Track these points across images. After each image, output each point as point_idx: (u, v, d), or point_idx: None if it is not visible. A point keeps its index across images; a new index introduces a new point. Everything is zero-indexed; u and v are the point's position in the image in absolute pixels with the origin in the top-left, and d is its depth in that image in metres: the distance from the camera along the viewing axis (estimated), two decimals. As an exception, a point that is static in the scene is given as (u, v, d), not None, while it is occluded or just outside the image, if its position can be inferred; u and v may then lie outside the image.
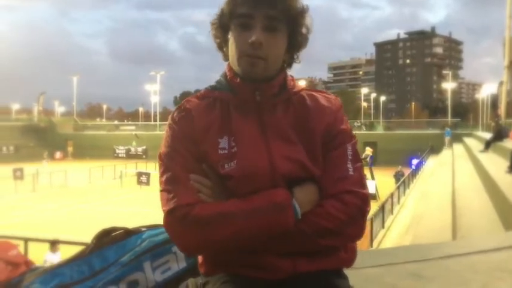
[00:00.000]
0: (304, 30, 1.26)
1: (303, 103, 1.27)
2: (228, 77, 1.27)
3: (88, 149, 53.49)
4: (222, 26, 1.25)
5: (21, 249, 6.74)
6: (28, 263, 1.76)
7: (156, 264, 1.55)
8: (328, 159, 1.23)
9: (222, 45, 1.28)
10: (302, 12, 1.24)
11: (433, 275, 2.22)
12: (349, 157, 1.24)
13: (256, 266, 1.18)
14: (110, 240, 1.61)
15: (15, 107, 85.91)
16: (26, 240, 7.10)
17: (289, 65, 1.30)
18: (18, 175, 30.38)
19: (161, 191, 1.22)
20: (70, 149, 58.11)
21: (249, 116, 1.23)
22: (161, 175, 1.23)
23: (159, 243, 1.57)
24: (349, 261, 1.27)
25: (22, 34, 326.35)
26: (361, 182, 1.23)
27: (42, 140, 59.47)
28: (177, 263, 1.57)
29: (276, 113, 1.24)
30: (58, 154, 55.34)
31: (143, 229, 1.63)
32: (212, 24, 1.28)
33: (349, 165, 1.23)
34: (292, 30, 1.23)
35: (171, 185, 1.20)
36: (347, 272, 1.29)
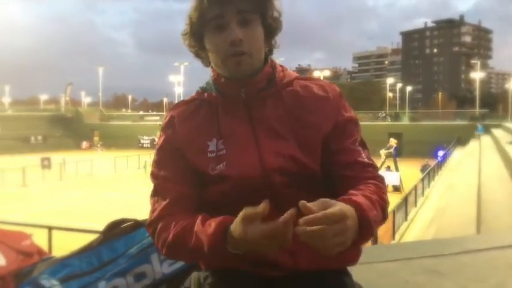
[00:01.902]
0: (275, 13, 1.22)
1: (296, 95, 1.22)
2: (213, 78, 1.24)
3: (113, 139, 54.29)
4: (195, 34, 1.21)
5: (45, 237, 6.91)
6: (41, 253, 1.77)
7: (164, 257, 1.55)
8: (342, 149, 1.20)
9: (199, 53, 1.25)
10: None
11: (449, 271, 2.17)
12: (360, 147, 1.22)
13: (257, 261, 1.16)
14: (119, 232, 1.62)
15: (44, 97, 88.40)
16: (50, 229, 7.27)
17: (270, 52, 1.26)
18: (46, 164, 31.15)
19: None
20: (96, 138, 59.11)
21: (237, 114, 1.21)
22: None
23: (167, 235, 1.57)
24: (353, 259, 1.24)
25: (50, 26, 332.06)
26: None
27: (69, 129, 60.79)
28: (184, 255, 1.57)
29: (265, 109, 1.21)
30: (84, 144, 56.37)
31: (152, 221, 1.64)
32: (184, 35, 1.24)
33: (363, 154, 1.21)
34: (264, 17, 1.20)
35: (152, 198, 1.24)
36: (361, 267, 1.27)
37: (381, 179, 1.20)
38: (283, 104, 1.22)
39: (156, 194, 1.24)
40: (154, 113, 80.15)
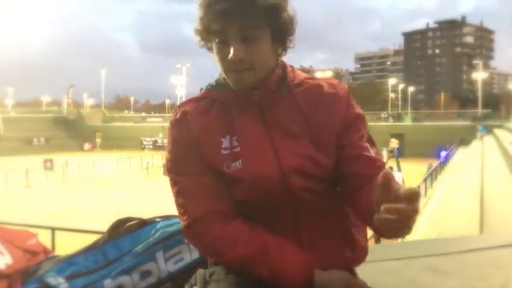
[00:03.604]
0: (286, 18, 1.18)
1: (307, 95, 1.22)
2: (225, 79, 1.22)
3: (116, 141, 54.39)
4: (204, 38, 1.20)
5: (49, 237, 6.93)
6: (47, 252, 1.78)
7: (169, 255, 1.56)
8: (348, 145, 1.20)
9: (211, 51, 1.22)
10: (278, 8, 1.15)
11: (452, 270, 2.18)
12: (368, 143, 1.22)
13: None
14: (124, 230, 1.62)
15: (46, 99, 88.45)
16: (53, 229, 7.30)
17: (283, 52, 1.24)
18: (49, 166, 31.31)
19: (175, 203, 1.22)
20: (98, 140, 59.28)
21: (250, 114, 1.20)
22: (171, 186, 1.23)
23: (172, 233, 1.57)
24: (361, 259, 1.25)
25: (52, 28, 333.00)
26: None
27: (71, 131, 60.99)
28: (189, 253, 1.57)
29: (278, 109, 1.20)
30: (87, 145, 56.49)
31: (157, 219, 1.64)
32: (196, 34, 1.22)
33: (371, 150, 1.21)
34: (274, 24, 1.16)
35: (181, 198, 1.20)
36: (366, 265, 1.27)
37: None
38: (296, 104, 1.21)
39: (183, 192, 1.20)
40: (157, 114, 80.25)
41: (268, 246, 1.13)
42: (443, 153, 28.13)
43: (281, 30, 1.18)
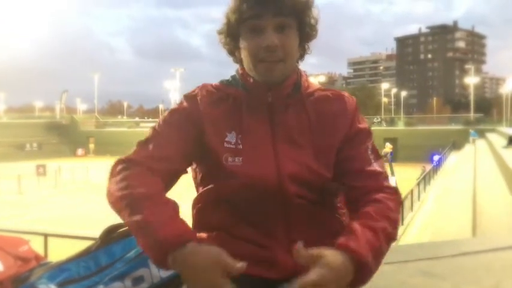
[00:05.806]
0: (312, 21, 1.22)
1: (318, 106, 1.25)
2: (241, 76, 1.25)
3: (109, 146, 54.17)
4: (231, 34, 1.22)
5: (41, 244, 6.88)
6: (38, 258, 1.77)
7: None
8: (351, 157, 1.22)
9: (233, 51, 1.26)
10: (308, 3, 1.21)
11: (445, 273, 2.19)
12: (372, 155, 1.24)
13: (255, 260, 1.15)
14: (117, 236, 1.62)
15: (39, 104, 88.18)
16: (46, 236, 7.25)
17: (301, 57, 1.27)
18: (41, 171, 31.04)
19: (137, 143, 1.26)
20: (91, 145, 59.02)
21: (260, 115, 1.22)
22: (148, 133, 1.26)
23: (164, 239, 1.57)
24: None
25: (45, 32, 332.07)
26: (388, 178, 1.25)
27: (64, 136, 60.67)
28: (182, 258, 1.57)
29: (287, 115, 1.22)
30: (80, 151, 56.25)
31: (150, 225, 1.64)
32: (220, 34, 1.25)
33: (374, 163, 1.23)
34: (301, 23, 1.20)
35: (140, 141, 1.25)
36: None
37: (391, 190, 1.21)
38: (305, 113, 1.23)
39: (147, 141, 1.22)
40: (150, 119, 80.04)
41: (164, 202, 1.10)
42: (436, 157, 28.26)
43: (306, 31, 1.22)
